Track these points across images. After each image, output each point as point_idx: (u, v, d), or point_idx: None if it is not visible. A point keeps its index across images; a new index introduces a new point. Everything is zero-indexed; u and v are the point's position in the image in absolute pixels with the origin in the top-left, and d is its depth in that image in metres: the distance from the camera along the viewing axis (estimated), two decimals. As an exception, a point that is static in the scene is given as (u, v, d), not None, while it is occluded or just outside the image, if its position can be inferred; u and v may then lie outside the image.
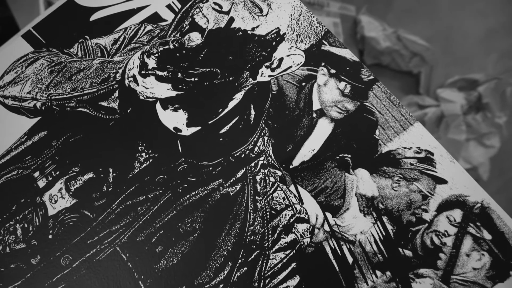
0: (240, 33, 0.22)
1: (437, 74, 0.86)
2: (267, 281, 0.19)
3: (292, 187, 0.20)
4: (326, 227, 0.19)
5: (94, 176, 0.21)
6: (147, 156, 0.21)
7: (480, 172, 0.72)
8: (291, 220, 0.19)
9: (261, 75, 0.22)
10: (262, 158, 0.20)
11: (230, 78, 0.22)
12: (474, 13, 0.90)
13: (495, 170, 0.78)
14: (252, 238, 0.19)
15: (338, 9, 0.89)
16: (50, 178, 0.22)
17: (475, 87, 0.72)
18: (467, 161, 0.71)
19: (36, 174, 0.22)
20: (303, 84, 0.21)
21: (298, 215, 0.19)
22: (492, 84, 0.68)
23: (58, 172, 0.22)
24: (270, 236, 0.19)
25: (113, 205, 0.21)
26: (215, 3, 0.23)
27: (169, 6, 0.24)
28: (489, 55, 0.75)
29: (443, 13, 0.93)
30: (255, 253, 0.19)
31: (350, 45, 0.92)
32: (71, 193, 0.22)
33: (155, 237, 0.20)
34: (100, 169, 0.21)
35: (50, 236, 0.21)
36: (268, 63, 0.22)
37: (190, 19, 0.23)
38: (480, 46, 0.85)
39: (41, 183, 0.22)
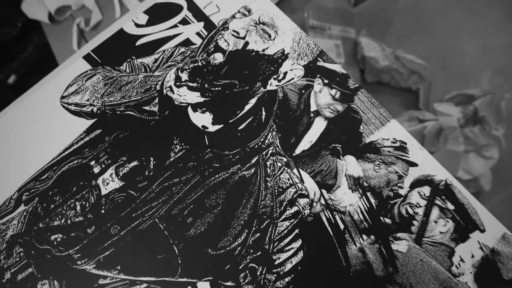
0: (254, 53, 0.29)
1: (435, 90, 0.91)
2: (275, 243, 0.23)
3: (295, 170, 0.25)
4: (322, 201, 0.24)
5: (138, 163, 0.27)
6: (181, 147, 0.27)
7: (481, 183, 0.75)
8: (295, 195, 0.24)
9: (270, 85, 0.28)
10: (271, 148, 0.26)
11: (246, 88, 0.28)
12: (469, 33, 0.96)
13: (497, 181, 0.80)
14: (263, 210, 0.24)
15: (339, 32, 0.97)
16: (103, 166, 0.28)
17: (471, 101, 0.76)
18: (467, 172, 0.74)
19: (92, 162, 0.28)
20: (303, 91, 0.27)
21: (300, 192, 0.24)
22: (487, 99, 0.72)
23: (109, 161, 0.28)
24: (278, 208, 0.24)
25: (153, 186, 0.26)
26: (234, 31, 0.30)
27: (198, 33, 0.31)
28: (483, 72, 0.80)
29: (439, 34, 0.99)
30: (266, 222, 0.24)
31: (351, 64, 0.98)
32: (119, 177, 0.27)
33: (186, 211, 0.25)
34: (143, 158, 0.27)
35: (102, 211, 0.27)
36: (275, 76, 0.28)
37: (215, 43, 0.30)
38: (475, 64, 0.90)
39: (96, 170, 0.28)
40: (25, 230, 0.27)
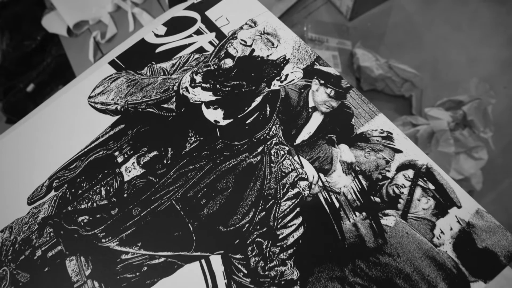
0: (259, 58, 0.33)
1: (427, 97, 0.96)
2: (279, 220, 0.26)
3: (295, 157, 0.28)
4: (320, 183, 0.27)
5: (158, 153, 0.31)
6: (195, 139, 0.31)
7: (473, 183, 0.78)
8: (296, 179, 0.27)
9: (273, 85, 0.32)
10: (275, 139, 0.29)
11: (252, 88, 0.32)
12: (456, 45, 1.02)
13: (488, 182, 0.83)
14: (268, 191, 0.27)
15: (336, 44, 1.03)
16: (126, 156, 0.31)
17: (460, 106, 0.80)
18: (459, 173, 0.77)
19: (116, 153, 0.32)
20: (302, 90, 0.31)
21: (300, 176, 0.27)
22: (475, 104, 0.77)
23: (132, 151, 0.31)
24: (281, 190, 0.27)
25: (171, 173, 0.30)
26: (242, 40, 0.34)
27: (210, 42, 0.35)
28: (471, 80, 0.85)
29: (429, 46, 1.05)
30: (271, 202, 0.27)
31: (348, 74, 1.04)
32: (141, 165, 0.31)
33: (200, 193, 0.28)
34: (162, 148, 0.31)
35: (125, 195, 0.30)
36: (278, 78, 0.32)
37: (225, 50, 0.34)
38: (462, 73, 0.96)
39: (120, 159, 0.31)
40: (55, 213, 0.30)
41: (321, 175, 0.27)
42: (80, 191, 0.31)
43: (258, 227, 0.26)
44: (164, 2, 0.94)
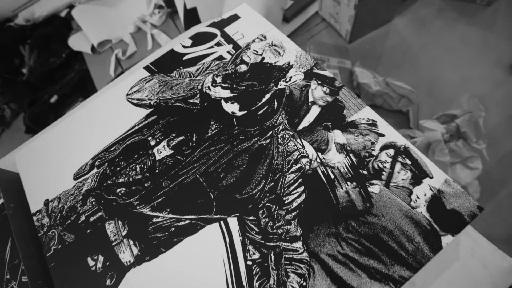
0: (268, 64, 0.40)
1: (423, 112, 1.02)
2: (285, 189, 0.32)
3: (298, 140, 0.34)
4: (318, 160, 0.33)
5: (184, 138, 0.37)
6: (216, 126, 0.37)
7: (470, 192, 0.82)
8: (298, 156, 0.33)
9: (280, 85, 0.39)
10: (281, 126, 0.36)
11: (263, 87, 0.39)
12: (449, 65, 1.10)
13: (486, 193, 0.87)
14: (276, 166, 0.33)
15: (336, 63, 1.12)
16: (157, 140, 0.38)
17: (454, 120, 0.86)
18: (455, 182, 0.81)
19: (150, 138, 0.38)
20: (303, 88, 0.38)
21: (302, 154, 0.33)
22: (467, 117, 0.83)
23: (163, 137, 0.38)
24: (286, 165, 0.33)
25: (195, 153, 0.36)
26: (254, 50, 0.42)
27: (228, 52, 0.43)
28: (463, 95, 0.91)
29: (424, 66, 1.13)
30: (278, 175, 0.33)
31: (347, 89, 1.11)
32: (170, 147, 0.37)
33: (220, 169, 0.34)
34: (188, 134, 0.37)
35: (156, 171, 0.36)
36: (283, 79, 0.39)
37: (240, 58, 0.42)
38: (455, 90, 1.03)
39: (152, 143, 0.38)
40: (97, 186, 0.36)
41: (319, 153, 0.33)
42: (118, 168, 0.37)
43: (267, 195, 0.32)
44: (180, 24, 1.06)
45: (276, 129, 0.35)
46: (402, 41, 1.22)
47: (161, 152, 0.37)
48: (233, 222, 0.32)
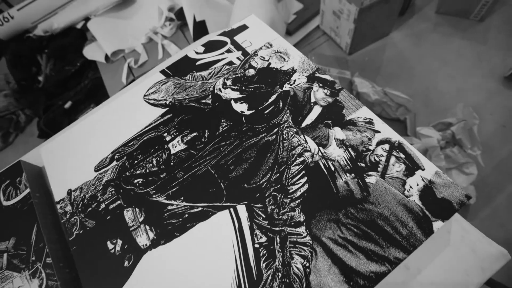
0: (274, 69, 0.44)
1: (420, 120, 1.06)
2: (289, 180, 0.35)
3: (301, 136, 0.38)
4: (320, 154, 0.36)
5: (197, 134, 0.41)
6: (226, 124, 0.41)
7: (466, 197, 0.84)
8: (302, 150, 0.37)
9: (285, 87, 0.42)
10: (286, 123, 0.39)
11: (269, 89, 0.42)
12: (444, 77, 1.15)
13: (482, 198, 0.89)
14: (281, 159, 0.36)
15: (337, 73, 1.17)
16: (172, 136, 0.41)
17: (449, 127, 0.90)
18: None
19: (165, 134, 0.42)
20: (306, 90, 0.42)
21: (305, 148, 0.37)
22: (462, 124, 0.86)
23: (177, 133, 0.41)
24: (291, 158, 0.36)
25: (207, 147, 0.39)
26: (261, 56, 0.46)
27: (237, 58, 0.47)
28: (457, 105, 0.95)
29: (420, 77, 1.18)
30: (283, 167, 0.36)
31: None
32: (184, 142, 0.40)
33: (230, 161, 0.37)
34: (201, 130, 0.41)
35: (171, 163, 0.39)
36: (288, 82, 0.43)
37: (249, 63, 0.46)
38: (451, 101, 1.07)
39: (168, 138, 0.41)
40: (116, 177, 0.40)
41: (321, 148, 0.36)
42: (136, 161, 0.40)
43: (273, 184, 0.35)
44: (189, 36, 1.11)
45: (281, 126, 0.39)
46: (399, 54, 1.27)
47: (175, 147, 0.40)
48: (242, 209, 0.34)
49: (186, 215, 0.35)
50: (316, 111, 0.39)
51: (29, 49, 1.21)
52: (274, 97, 0.42)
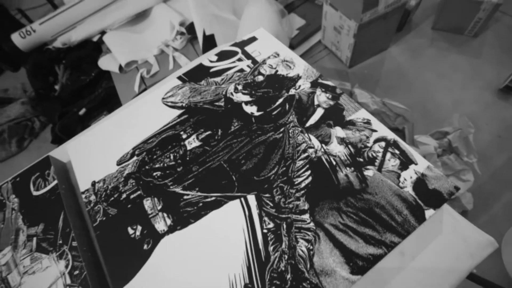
0: (281, 76, 0.49)
1: (418, 130, 1.10)
2: (295, 172, 0.39)
3: (306, 134, 0.42)
4: (322, 150, 0.40)
5: (211, 132, 0.45)
6: (237, 123, 0.45)
7: (464, 203, 0.86)
8: (306, 147, 0.40)
9: (291, 92, 0.47)
10: (292, 123, 0.43)
11: (276, 93, 0.47)
12: (441, 89, 1.20)
13: (480, 206, 0.91)
14: (288, 155, 0.40)
15: (337, 85, 1.22)
16: (188, 134, 0.45)
17: (446, 136, 0.93)
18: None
19: (181, 132, 0.46)
20: (310, 94, 0.46)
21: (309, 145, 0.41)
22: (458, 133, 0.90)
23: (193, 131, 0.45)
24: (296, 153, 0.40)
25: (220, 144, 0.43)
26: (269, 64, 0.51)
27: (248, 66, 0.52)
28: (453, 115, 0.99)
29: (418, 90, 1.23)
30: (289, 161, 0.40)
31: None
32: (199, 140, 0.44)
33: (241, 156, 0.41)
34: (214, 129, 0.45)
35: (187, 158, 0.43)
36: (294, 87, 0.47)
37: (258, 70, 0.51)
38: (448, 111, 1.11)
39: (184, 136, 0.45)
40: (136, 170, 0.43)
41: (323, 145, 0.40)
42: (155, 156, 0.44)
43: (280, 177, 0.39)
44: (198, 48, 1.18)
45: (287, 126, 0.43)
46: (397, 67, 1.33)
47: (191, 144, 0.44)
48: (251, 198, 0.38)
49: (201, 204, 0.39)
50: (319, 112, 0.44)
51: (48, 60, 1.28)
52: (281, 100, 0.46)
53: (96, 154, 0.47)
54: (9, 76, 1.78)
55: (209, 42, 1.04)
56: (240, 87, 0.48)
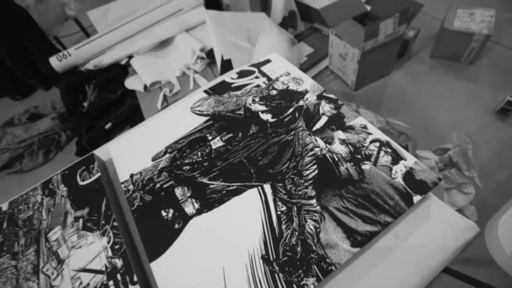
0: (292, 90, 0.58)
1: (420, 147, 1.16)
2: (303, 166, 0.46)
3: (313, 136, 0.49)
4: (326, 149, 0.47)
5: (232, 134, 0.53)
6: (255, 128, 0.53)
7: (467, 215, 0.90)
8: (313, 146, 0.48)
9: (300, 103, 0.56)
10: (301, 128, 0.51)
11: (288, 104, 0.56)
12: (441, 111, 1.28)
13: (483, 219, 0.94)
14: (297, 152, 0.48)
15: (343, 105, 1.31)
16: (213, 136, 0.54)
17: (447, 152, 0.99)
18: (452, 205, 0.90)
19: (207, 135, 0.54)
20: (316, 105, 0.54)
21: (315, 145, 0.48)
22: (457, 149, 0.96)
23: (217, 134, 0.54)
24: (304, 151, 0.48)
25: (240, 144, 0.51)
26: (282, 81, 0.61)
27: (263, 82, 0.62)
28: (452, 132, 1.06)
29: (419, 111, 1.31)
30: (299, 158, 0.47)
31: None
32: (222, 140, 0.53)
33: (258, 154, 0.49)
34: (235, 132, 0.53)
35: (212, 155, 0.51)
36: (302, 99, 0.56)
37: (272, 86, 0.60)
38: (448, 131, 1.17)
39: (209, 137, 0.54)
40: (169, 164, 0.52)
41: (327, 145, 0.48)
42: (184, 154, 0.53)
43: (291, 170, 0.46)
44: (216, 71, 1.31)
45: (297, 129, 0.51)
46: (399, 91, 1.42)
47: (215, 144, 0.53)
48: (267, 187, 0.45)
49: (224, 192, 0.46)
50: (323, 119, 0.52)
51: (80, 80, 1.43)
52: (291, 109, 0.55)
53: (134, 152, 0.55)
54: (40, 95, 1.95)
55: (227, 65, 1.17)
56: (257, 99, 0.58)
